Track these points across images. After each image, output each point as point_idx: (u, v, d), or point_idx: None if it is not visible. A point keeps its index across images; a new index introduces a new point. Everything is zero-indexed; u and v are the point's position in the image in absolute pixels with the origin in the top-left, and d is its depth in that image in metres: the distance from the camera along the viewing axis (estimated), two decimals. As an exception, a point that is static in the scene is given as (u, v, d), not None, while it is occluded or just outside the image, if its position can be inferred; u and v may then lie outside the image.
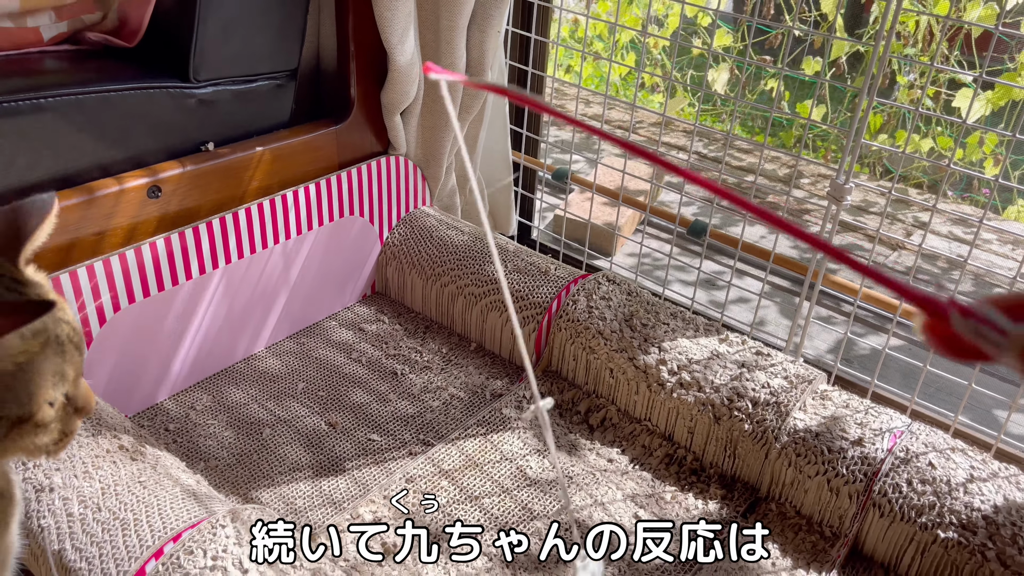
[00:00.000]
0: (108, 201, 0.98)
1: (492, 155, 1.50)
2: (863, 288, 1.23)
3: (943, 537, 0.88)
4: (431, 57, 1.25)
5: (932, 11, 2.22)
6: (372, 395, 1.14)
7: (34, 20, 0.99)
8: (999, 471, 0.93)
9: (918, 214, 2.14)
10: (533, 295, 1.18)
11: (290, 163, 1.16)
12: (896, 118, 2.50)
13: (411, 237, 1.31)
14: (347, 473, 1.01)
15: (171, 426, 1.06)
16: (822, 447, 0.96)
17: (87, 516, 0.78)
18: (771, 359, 1.07)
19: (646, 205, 1.45)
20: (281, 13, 1.10)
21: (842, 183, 1.11)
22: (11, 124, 0.89)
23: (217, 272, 1.08)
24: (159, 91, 1.01)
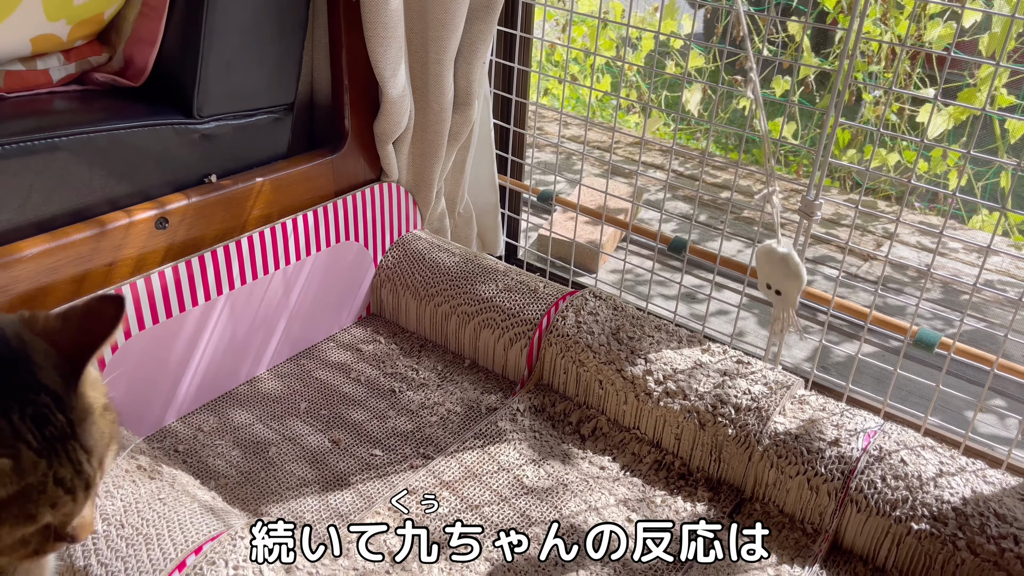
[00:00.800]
0: (118, 233, 1.02)
1: (479, 179, 1.56)
2: (835, 298, 1.30)
3: (916, 529, 0.94)
4: (420, 89, 1.31)
5: (894, 31, 2.32)
6: (372, 412, 1.19)
7: (44, 63, 1.04)
8: (966, 465, 0.99)
9: (887, 225, 2.23)
10: (524, 312, 1.24)
11: (289, 192, 1.21)
12: (863, 133, 2.60)
13: (404, 260, 1.37)
14: (352, 487, 1.06)
15: (180, 447, 1.10)
16: (801, 448, 1.02)
17: (111, 533, 0.82)
18: (751, 367, 1.13)
19: (627, 223, 1.52)
20: (278, 50, 1.16)
21: (812, 199, 1.18)
22: (27, 162, 0.93)
23: (222, 298, 1.13)
24: (165, 127, 1.06)
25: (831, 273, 1.94)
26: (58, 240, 0.97)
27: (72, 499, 0.52)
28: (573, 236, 1.56)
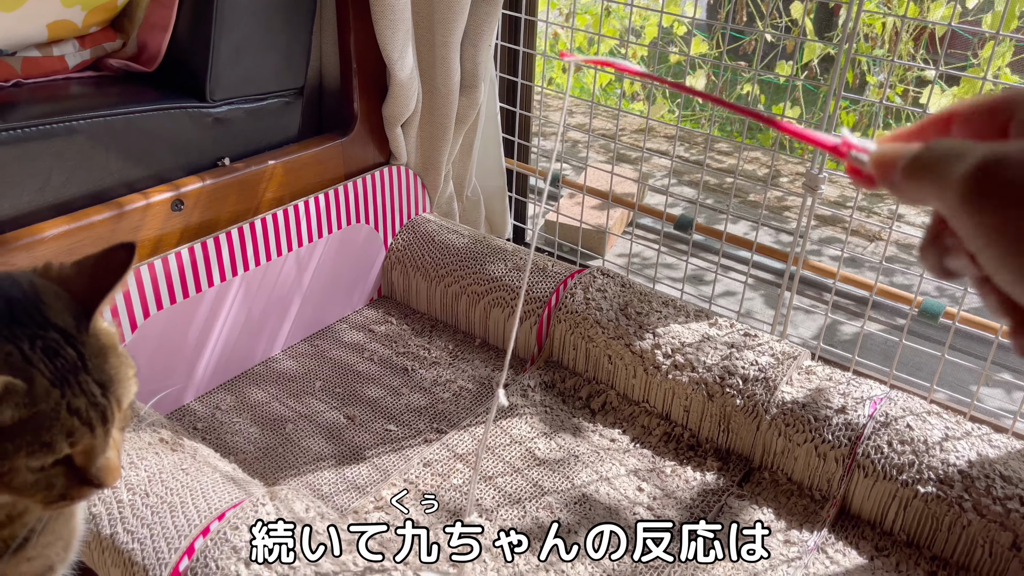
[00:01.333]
0: (136, 215, 1.04)
1: (486, 162, 1.58)
2: (840, 271, 1.31)
3: (923, 492, 0.96)
4: (427, 71, 1.33)
5: (897, 12, 2.32)
6: (386, 390, 1.21)
7: (59, 49, 1.06)
8: (972, 430, 1.01)
9: (892, 206, 2.23)
10: (533, 290, 1.26)
11: (300, 175, 1.23)
12: (867, 117, 2.61)
13: (414, 242, 1.39)
14: (368, 461, 1.08)
15: (199, 425, 1.12)
16: (809, 416, 1.04)
17: (136, 502, 0.84)
18: (758, 339, 1.15)
19: (634, 204, 1.54)
20: (288, 35, 1.17)
21: (816, 173, 1.20)
22: (47, 145, 0.96)
23: (236, 279, 1.15)
24: (179, 111, 1.08)
25: (836, 254, 1.95)
26: (78, 222, 0.99)
27: (89, 431, 0.52)
28: (580, 217, 1.58)
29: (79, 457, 0.53)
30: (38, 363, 0.50)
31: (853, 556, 0.97)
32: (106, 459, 0.54)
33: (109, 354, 0.54)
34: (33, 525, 0.59)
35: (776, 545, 0.97)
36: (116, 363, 0.54)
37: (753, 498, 1.04)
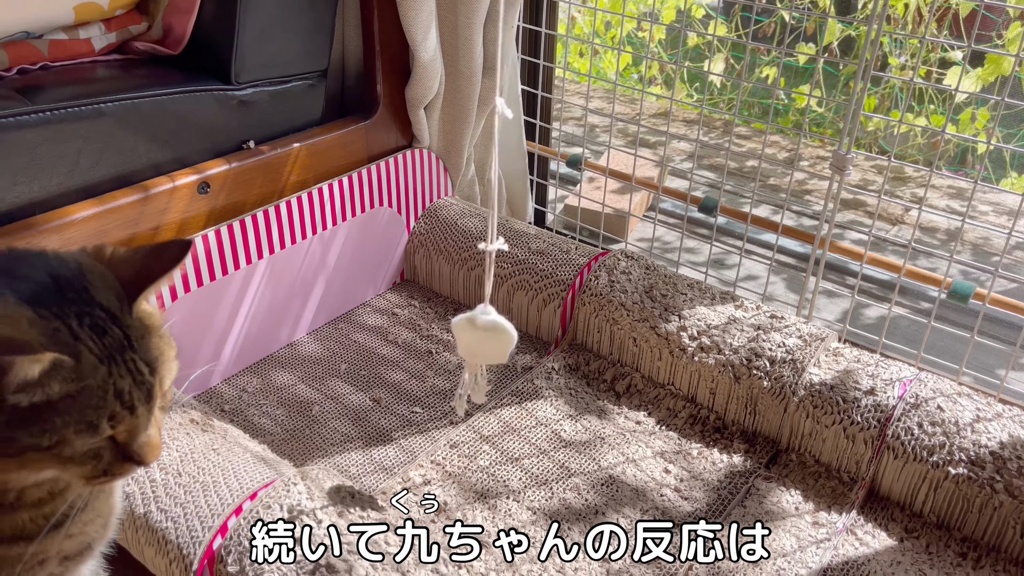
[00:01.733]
0: (163, 198, 1.05)
1: (507, 145, 1.58)
2: (867, 252, 1.30)
3: (954, 473, 0.95)
4: (450, 54, 1.32)
5: None
6: (410, 373, 1.21)
7: (86, 32, 1.06)
8: (1003, 412, 1.00)
9: (915, 189, 2.21)
10: (557, 273, 1.25)
11: (324, 158, 1.23)
12: (890, 99, 2.58)
13: (436, 226, 1.38)
14: (395, 442, 1.08)
15: (226, 407, 1.13)
16: (837, 398, 1.03)
17: (169, 481, 0.85)
18: (785, 321, 1.14)
19: (657, 186, 1.53)
20: (311, 18, 1.17)
21: (844, 154, 1.18)
22: (76, 128, 0.96)
23: (262, 262, 1.15)
24: (204, 94, 1.08)
25: (861, 237, 1.93)
26: (106, 204, 1.00)
27: (131, 409, 0.53)
28: (603, 200, 1.57)
29: (122, 434, 0.54)
30: (86, 339, 0.51)
31: (883, 537, 0.97)
32: (148, 436, 0.55)
33: (152, 334, 0.56)
34: (73, 501, 0.60)
35: (804, 527, 0.97)
36: (160, 343, 0.56)
37: (781, 480, 1.04)
